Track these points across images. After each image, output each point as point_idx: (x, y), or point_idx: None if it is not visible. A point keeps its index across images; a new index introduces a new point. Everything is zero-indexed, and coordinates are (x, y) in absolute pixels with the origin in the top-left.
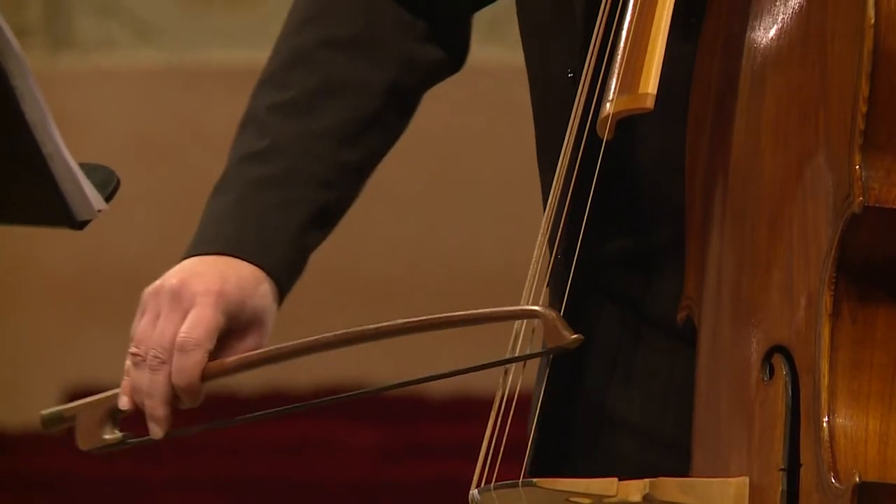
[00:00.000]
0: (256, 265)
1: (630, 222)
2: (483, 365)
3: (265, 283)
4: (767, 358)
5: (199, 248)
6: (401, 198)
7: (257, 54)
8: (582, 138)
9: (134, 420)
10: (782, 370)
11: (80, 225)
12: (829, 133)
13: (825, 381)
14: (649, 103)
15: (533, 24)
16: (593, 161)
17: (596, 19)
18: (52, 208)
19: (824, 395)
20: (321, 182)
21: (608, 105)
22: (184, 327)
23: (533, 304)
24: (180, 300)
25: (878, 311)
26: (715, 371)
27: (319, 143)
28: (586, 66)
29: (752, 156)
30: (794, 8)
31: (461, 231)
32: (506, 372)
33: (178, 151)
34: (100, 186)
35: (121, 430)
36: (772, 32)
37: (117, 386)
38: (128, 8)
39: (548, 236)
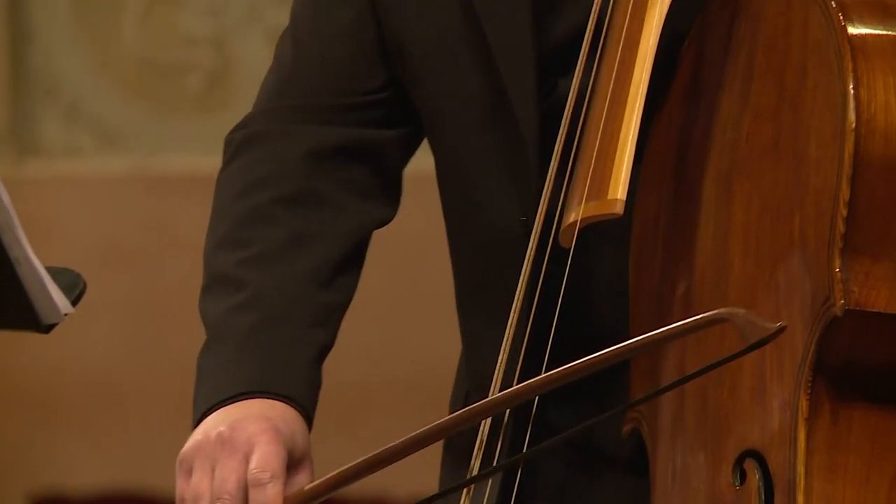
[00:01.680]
0: (284, 398)
1: (570, 354)
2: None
3: (299, 416)
4: (739, 463)
5: (215, 397)
6: (367, 304)
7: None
8: (539, 270)
9: None
10: (755, 474)
11: (47, 328)
12: (806, 237)
13: (801, 484)
14: (619, 209)
15: (472, 181)
16: (551, 296)
17: (546, 157)
18: (19, 311)
19: (800, 499)
20: (313, 321)
21: (573, 213)
22: (254, 464)
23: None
24: (235, 446)
25: (853, 416)
26: (677, 481)
27: (300, 286)
28: (545, 187)
29: (720, 263)
30: (763, 111)
31: (428, 337)
32: (467, 491)
33: (144, 257)
34: (66, 290)
35: None
36: (740, 138)
37: (81, 492)
38: (93, 114)
39: (500, 381)
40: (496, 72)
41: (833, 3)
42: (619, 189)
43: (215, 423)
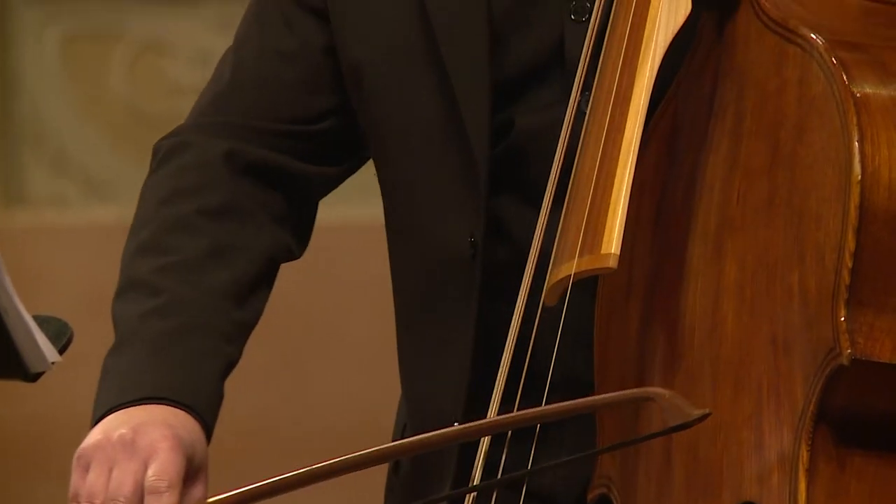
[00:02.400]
0: (188, 408)
1: (525, 397)
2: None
3: (201, 427)
4: None
5: (120, 398)
6: (352, 348)
7: None
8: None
9: None
10: None
11: (34, 377)
12: (807, 291)
13: None
14: (612, 263)
15: (422, 202)
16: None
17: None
18: (6, 360)
19: None
20: (224, 336)
21: (564, 268)
22: (153, 471)
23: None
24: (136, 450)
25: (853, 466)
26: None
27: (216, 300)
28: (538, 229)
29: (711, 319)
30: (756, 170)
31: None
32: None
33: None
34: (53, 338)
35: None
36: (730, 198)
37: None
38: (79, 165)
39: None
40: (451, 92)
41: (833, 59)
42: (614, 243)
43: (117, 423)
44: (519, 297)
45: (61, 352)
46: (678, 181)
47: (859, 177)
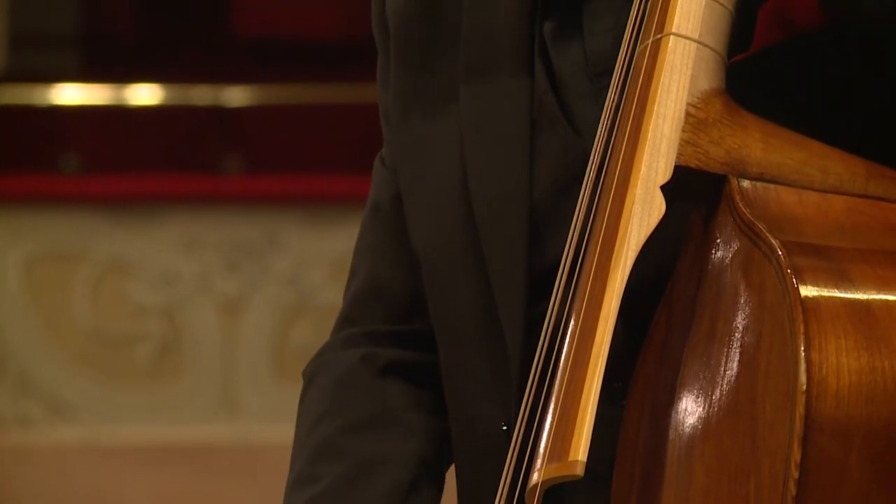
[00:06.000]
0: None
1: None
2: None
3: None
4: None
5: None
6: None
7: (176, 429)
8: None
9: None
10: None
11: None
12: (761, 500)
13: None
14: (579, 471)
15: (462, 389)
16: None
17: (530, 372)
18: None
19: None
20: None
21: (535, 474)
22: None
23: None
24: None
25: None
26: None
27: None
28: (517, 425)
29: None
30: (723, 376)
31: None
32: None
33: None
34: None
35: None
36: (701, 401)
37: None
38: (43, 385)
39: None
40: (490, 288)
41: (789, 269)
42: (581, 451)
43: None
44: (498, 491)
45: None
46: (665, 387)
47: (804, 386)
